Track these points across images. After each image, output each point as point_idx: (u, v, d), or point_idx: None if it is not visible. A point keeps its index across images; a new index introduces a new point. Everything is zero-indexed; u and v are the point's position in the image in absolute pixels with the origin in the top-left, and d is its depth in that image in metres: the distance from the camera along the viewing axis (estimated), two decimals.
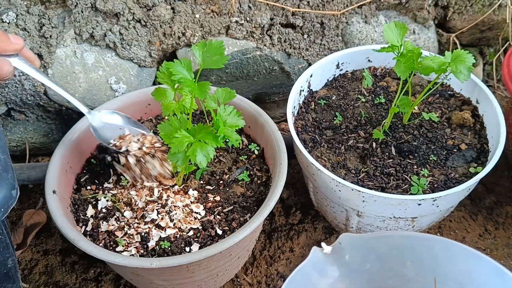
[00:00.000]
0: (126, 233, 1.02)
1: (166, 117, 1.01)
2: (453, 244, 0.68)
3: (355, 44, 1.44)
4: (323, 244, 0.67)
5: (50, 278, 1.25)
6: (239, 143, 1.20)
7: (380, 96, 1.28)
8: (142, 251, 0.99)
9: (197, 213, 1.05)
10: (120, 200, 1.08)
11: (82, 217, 1.06)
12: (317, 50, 1.42)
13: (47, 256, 1.29)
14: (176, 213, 1.04)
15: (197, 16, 1.30)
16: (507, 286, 0.62)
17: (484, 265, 0.65)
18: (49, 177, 1.06)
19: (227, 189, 1.10)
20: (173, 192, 1.08)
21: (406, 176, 1.09)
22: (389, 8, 1.45)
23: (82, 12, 1.24)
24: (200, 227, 1.03)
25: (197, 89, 0.90)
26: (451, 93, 1.29)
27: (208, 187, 1.11)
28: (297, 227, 1.33)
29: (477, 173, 1.07)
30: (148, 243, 1.00)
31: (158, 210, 1.05)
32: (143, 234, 1.02)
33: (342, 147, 1.16)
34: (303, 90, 1.27)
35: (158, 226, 1.03)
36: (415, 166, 1.11)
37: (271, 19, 1.35)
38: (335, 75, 1.35)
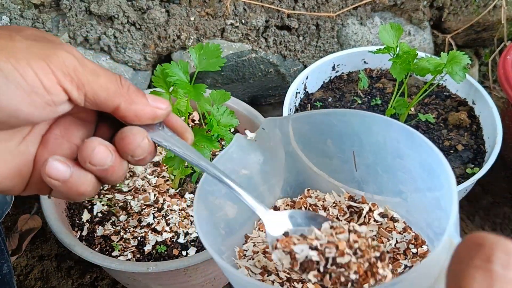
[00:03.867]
0: (122, 238, 1.02)
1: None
2: (367, 115, 0.69)
3: (350, 45, 1.44)
4: (246, 131, 0.66)
5: (46, 284, 1.24)
6: None
7: (376, 98, 1.27)
8: (138, 256, 0.99)
9: (193, 216, 1.04)
10: (116, 205, 1.07)
11: (77, 221, 1.06)
12: (313, 52, 1.42)
13: (43, 261, 1.28)
14: (172, 217, 1.03)
15: (192, 18, 1.30)
16: (417, 145, 0.63)
17: (395, 129, 0.66)
18: None
19: None
20: (169, 196, 1.07)
21: None
22: (385, 9, 1.45)
23: (76, 15, 1.23)
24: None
25: (192, 92, 0.90)
26: (447, 94, 1.29)
27: None
28: None
29: (474, 174, 1.07)
30: (144, 248, 1.00)
31: (154, 214, 1.04)
32: (139, 238, 1.01)
33: None
34: (299, 92, 1.27)
35: (154, 230, 1.02)
36: None
37: (266, 21, 1.35)
38: (331, 77, 1.35)
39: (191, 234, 1.01)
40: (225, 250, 0.69)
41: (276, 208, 0.79)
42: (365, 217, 0.76)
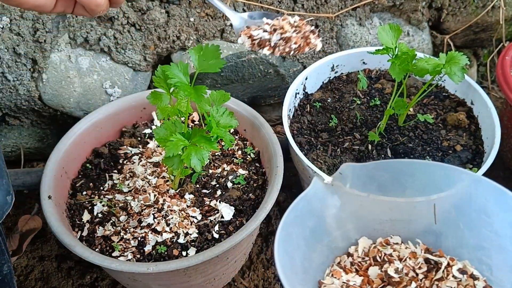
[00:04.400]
0: (122, 238, 1.02)
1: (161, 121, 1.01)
2: (453, 169, 0.69)
3: (349, 46, 1.44)
4: (323, 174, 0.68)
5: (46, 284, 1.24)
6: (235, 146, 1.20)
7: (375, 98, 1.28)
8: (138, 256, 0.99)
9: (193, 217, 1.05)
10: (116, 205, 1.07)
11: (77, 222, 1.06)
12: (312, 53, 1.42)
13: (43, 262, 1.28)
14: (172, 218, 1.04)
15: (192, 19, 1.30)
16: (508, 205, 0.63)
17: (484, 187, 0.66)
18: (45, 182, 1.05)
19: (223, 192, 1.10)
20: (169, 196, 1.08)
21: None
22: (383, 10, 1.46)
23: (76, 16, 1.23)
24: (197, 231, 1.02)
25: (193, 93, 0.90)
26: (446, 94, 1.30)
27: (204, 190, 1.10)
28: None
29: None
30: (144, 248, 1.00)
31: (154, 214, 1.04)
32: (139, 238, 1.01)
33: (338, 150, 1.17)
34: (298, 93, 1.27)
35: (154, 231, 1.02)
36: None
37: None
38: (330, 77, 1.35)
39: (191, 234, 1.02)
40: None
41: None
42: (443, 271, 0.75)
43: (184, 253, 0.99)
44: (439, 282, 0.74)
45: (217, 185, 1.11)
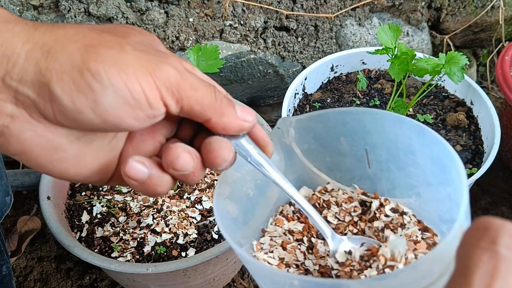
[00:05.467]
0: (121, 239, 1.02)
1: None
2: (379, 113, 0.71)
3: (349, 46, 1.44)
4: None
5: (45, 285, 1.24)
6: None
7: (374, 98, 1.28)
8: (137, 257, 0.99)
9: (193, 217, 1.04)
10: (115, 206, 1.07)
11: (77, 223, 1.06)
12: (311, 53, 1.42)
13: (42, 263, 1.28)
14: (171, 218, 1.04)
15: (191, 20, 1.30)
16: (428, 141, 0.66)
17: (407, 127, 0.68)
18: (44, 183, 1.05)
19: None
20: (168, 197, 1.08)
21: None
22: (383, 10, 1.46)
23: (75, 17, 1.23)
24: (196, 232, 1.02)
25: None
26: (446, 94, 1.29)
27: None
28: None
29: (472, 174, 1.07)
30: (143, 249, 1.00)
31: (154, 215, 1.04)
32: (138, 239, 1.01)
33: None
34: (297, 93, 1.27)
35: (153, 231, 1.02)
36: None
37: (265, 22, 1.35)
38: (329, 77, 1.35)
39: (190, 235, 1.02)
40: (243, 243, 0.70)
41: None
42: (375, 212, 0.77)
43: (183, 254, 0.99)
44: (371, 222, 0.76)
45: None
